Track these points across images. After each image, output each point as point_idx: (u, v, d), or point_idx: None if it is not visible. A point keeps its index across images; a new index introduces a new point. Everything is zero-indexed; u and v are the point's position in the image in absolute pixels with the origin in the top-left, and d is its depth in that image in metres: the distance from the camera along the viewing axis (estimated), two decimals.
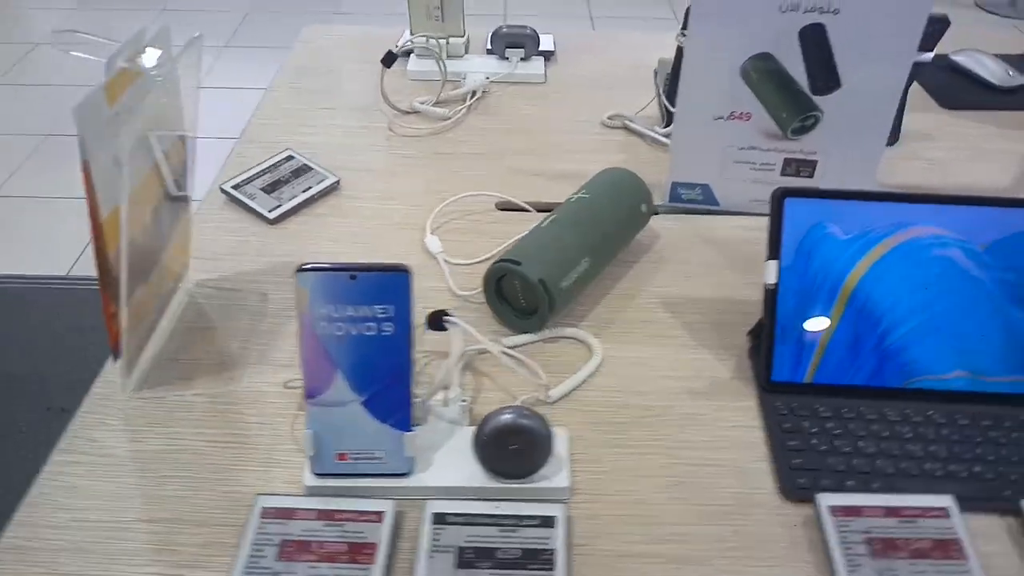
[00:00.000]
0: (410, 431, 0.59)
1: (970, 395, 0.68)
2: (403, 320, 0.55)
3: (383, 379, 0.57)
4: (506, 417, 0.58)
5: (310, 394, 0.58)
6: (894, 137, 1.04)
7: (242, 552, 0.56)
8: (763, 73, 0.82)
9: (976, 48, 1.23)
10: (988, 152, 1.03)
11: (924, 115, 1.11)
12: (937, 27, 0.93)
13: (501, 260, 0.72)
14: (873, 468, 0.63)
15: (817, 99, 0.83)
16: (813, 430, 0.66)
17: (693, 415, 0.68)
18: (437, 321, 0.67)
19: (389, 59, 1.04)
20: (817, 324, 0.69)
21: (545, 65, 1.20)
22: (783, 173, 0.88)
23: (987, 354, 0.68)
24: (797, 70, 0.82)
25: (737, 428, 0.67)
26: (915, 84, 1.17)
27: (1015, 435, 0.65)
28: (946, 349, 0.68)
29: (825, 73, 0.81)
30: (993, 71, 1.19)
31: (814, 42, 0.80)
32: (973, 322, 0.68)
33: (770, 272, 0.69)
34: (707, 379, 0.71)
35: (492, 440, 0.58)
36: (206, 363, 0.72)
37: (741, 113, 0.85)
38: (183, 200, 0.74)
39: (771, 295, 0.69)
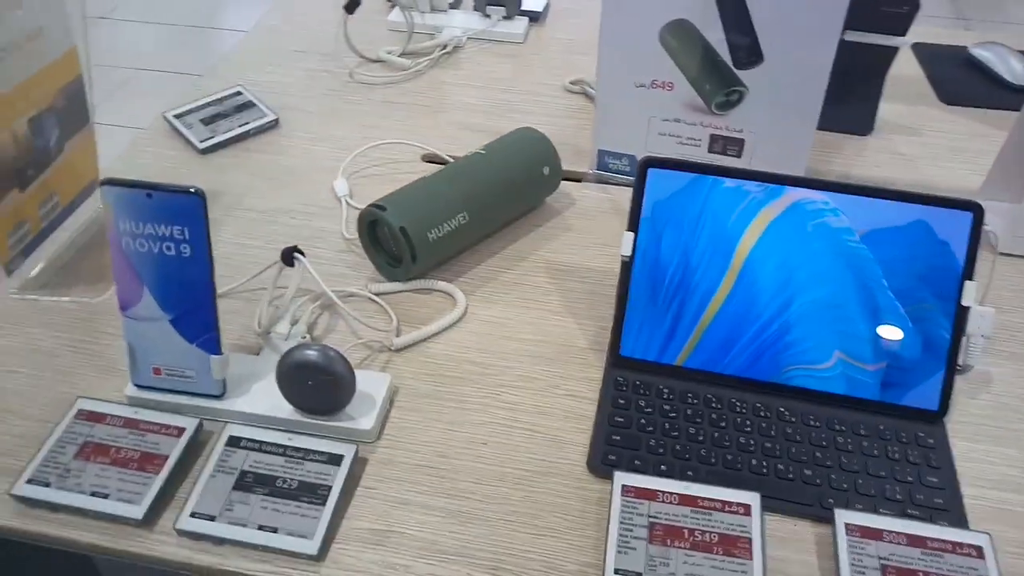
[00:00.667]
0: (219, 354, 0.60)
1: (836, 398, 0.64)
2: (199, 243, 0.56)
3: (188, 300, 0.58)
4: (303, 353, 0.58)
5: (123, 307, 0.59)
6: (868, 127, 0.97)
7: (45, 446, 0.59)
8: (682, 41, 0.78)
9: (1005, 44, 1.13)
10: (966, 151, 0.94)
11: (915, 108, 1.03)
12: (906, 9, 0.86)
13: (371, 204, 0.72)
14: (696, 456, 0.60)
15: (742, 74, 0.78)
16: (647, 410, 0.63)
17: (531, 379, 0.66)
18: (288, 257, 0.68)
19: (352, 5, 1.04)
20: (694, 304, 0.66)
21: (529, 26, 1.18)
22: (710, 150, 0.84)
23: (861, 341, 0.64)
24: (719, 40, 0.77)
25: (572, 398, 0.65)
26: (920, 74, 1.09)
27: (860, 443, 0.61)
28: (826, 335, 0.64)
29: (747, 45, 0.76)
30: (1012, 68, 1.09)
31: (734, 11, 0.75)
32: (852, 307, 0.64)
33: (626, 244, 0.66)
34: (560, 346, 0.69)
35: (288, 374, 0.59)
36: (88, 274, 0.75)
37: (663, 82, 0.81)
38: (80, 117, 0.77)
39: (625, 268, 0.66)
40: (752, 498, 0.56)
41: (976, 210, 0.63)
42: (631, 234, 0.66)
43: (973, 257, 0.62)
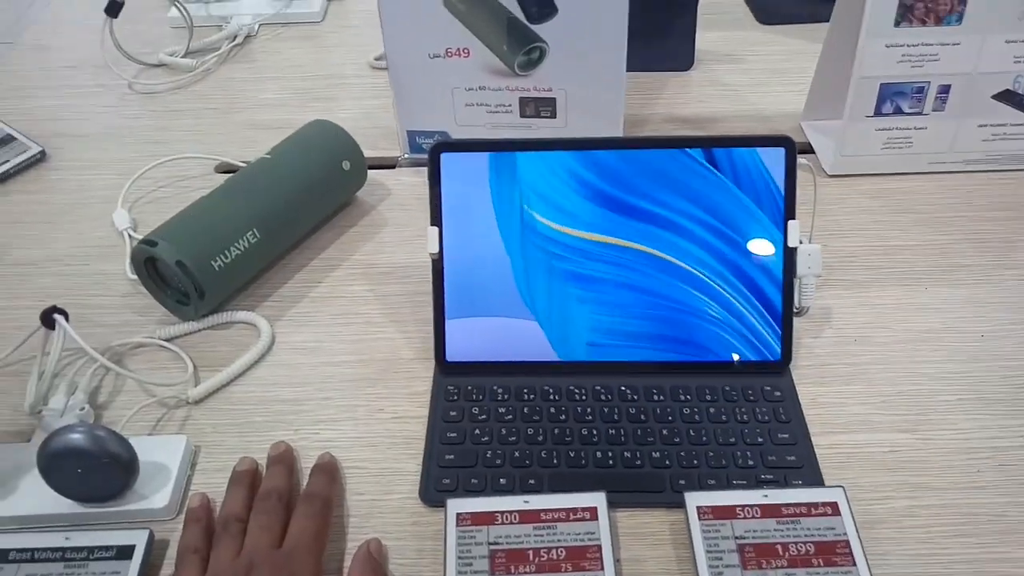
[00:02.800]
0: None
1: (678, 365, 0.59)
2: None
3: None
4: (64, 438, 0.49)
5: None
6: (688, 61, 0.93)
7: None
8: (469, 3, 0.71)
9: None
10: (787, 72, 0.91)
11: (734, 33, 0.99)
12: None
13: (141, 240, 0.63)
14: (537, 460, 0.55)
15: (538, 29, 0.72)
16: (481, 417, 0.58)
17: (352, 407, 0.59)
18: (48, 318, 0.58)
19: (114, 8, 0.92)
20: (503, 292, 0.60)
21: (327, 3, 1.08)
22: (523, 115, 0.78)
23: (691, 302, 0.60)
24: None
25: (400, 420, 0.59)
26: None
27: (707, 410, 0.57)
28: (654, 300, 0.60)
29: None
30: None
31: None
32: (674, 268, 0.60)
33: (432, 240, 0.59)
34: (383, 363, 0.62)
35: (50, 465, 0.50)
36: None
37: (458, 49, 0.74)
38: None
39: (436, 266, 0.60)
40: (598, 499, 0.51)
41: (788, 144, 0.59)
42: (435, 229, 0.60)
43: (792, 195, 0.59)
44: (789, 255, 0.59)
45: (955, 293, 0.66)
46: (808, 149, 0.81)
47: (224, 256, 0.63)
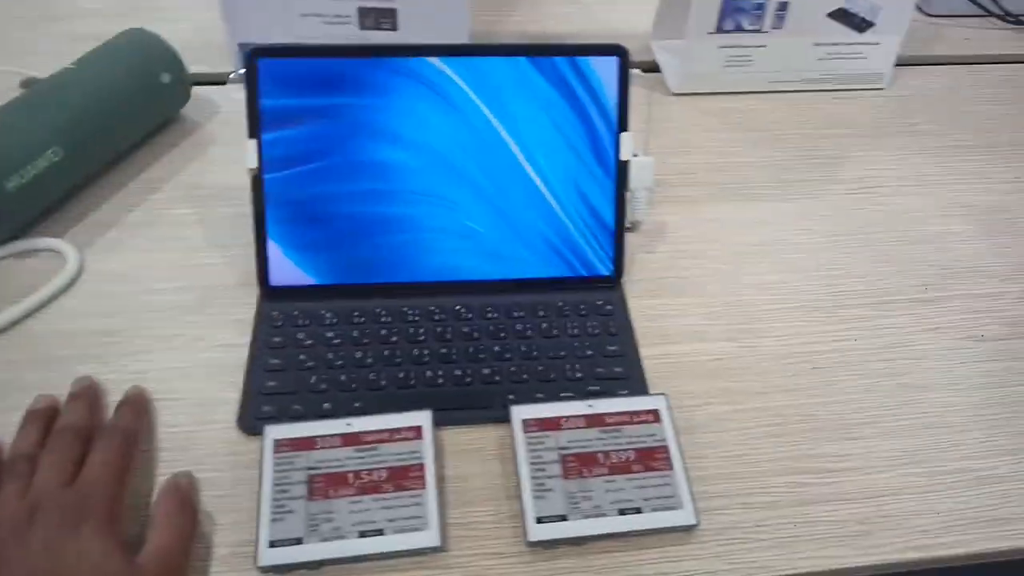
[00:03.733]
0: None
1: (512, 283, 0.58)
2: None
3: None
4: None
5: None
6: None
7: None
8: None
9: None
10: None
11: None
12: None
13: None
14: (364, 384, 0.53)
15: None
16: (307, 343, 0.55)
17: (170, 337, 0.56)
18: None
19: None
20: (334, 210, 0.57)
21: None
22: (363, 26, 0.73)
23: (523, 217, 0.59)
24: None
25: (222, 348, 0.55)
26: None
27: (539, 326, 0.56)
28: (485, 218, 0.58)
29: None
30: None
31: None
32: (505, 183, 0.58)
33: (250, 154, 0.56)
34: (205, 289, 0.59)
35: None
36: None
37: None
38: None
39: (256, 183, 0.56)
40: (423, 418, 0.50)
41: (621, 54, 0.58)
42: (253, 141, 0.56)
43: (625, 107, 0.58)
44: (621, 168, 0.59)
45: (786, 207, 0.68)
46: (656, 68, 0.81)
47: (20, 176, 0.57)
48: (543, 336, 0.57)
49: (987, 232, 0.67)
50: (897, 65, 0.83)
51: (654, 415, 0.52)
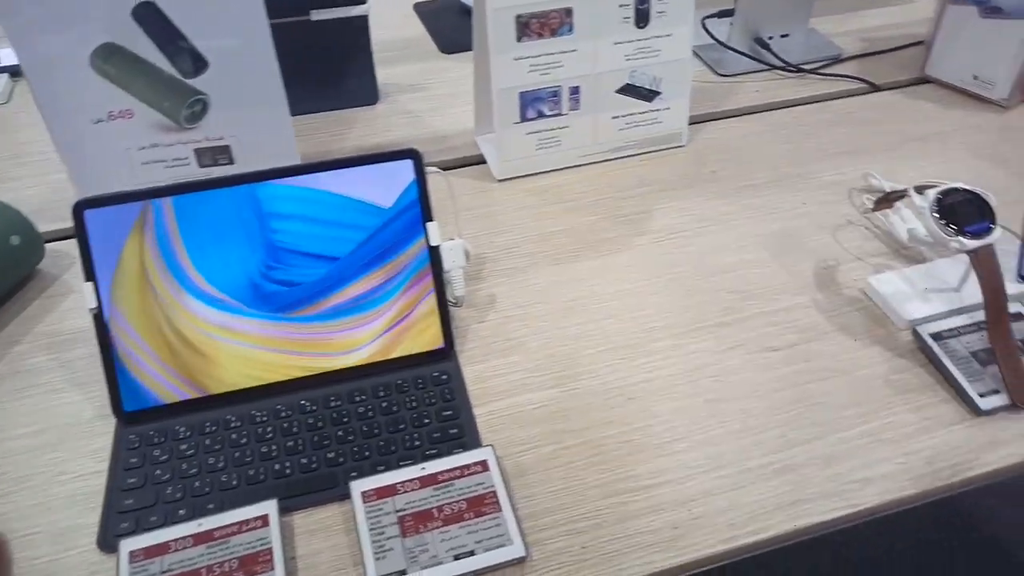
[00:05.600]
0: None
1: (351, 371, 0.64)
2: None
3: None
4: None
5: None
6: (372, 96, 1.00)
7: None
8: (119, 67, 0.73)
9: None
10: (465, 94, 1.01)
11: (419, 64, 1.08)
12: None
13: None
14: (217, 486, 0.57)
15: (196, 81, 0.76)
16: (163, 459, 0.59)
17: (28, 477, 0.59)
18: None
19: None
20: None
21: (12, 83, 1.06)
22: (201, 164, 0.81)
23: (354, 307, 0.65)
24: (158, 55, 0.74)
25: (81, 478, 0.59)
26: (423, 32, 1.15)
27: (379, 405, 0.62)
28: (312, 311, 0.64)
29: (187, 54, 0.74)
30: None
31: (158, 25, 0.72)
32: (330, 281, 0.65)
33: (88, 296, 0.61)
34: (66, 427, 0.63)
35: None
36: None
37: (120, 111, 0.76)
38: None
39: (98, 320, 0.61)
40: (269, 507, 0.55)
41: (414, 156, 0.66)
42: (90, 284, 0.61)
43: (426, 200, 0.66)
44: (434, 253, 0.66)
45: (598, 263, 0.76)
46: (482, 160, 0.90)
47: None
48: (383, 414, 0.62)
49: (778, 255, 0.76)
50: (696, 122, 0.94)
51: (482, 465, 0.57)
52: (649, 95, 0.86)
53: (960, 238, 0.60)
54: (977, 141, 0.91)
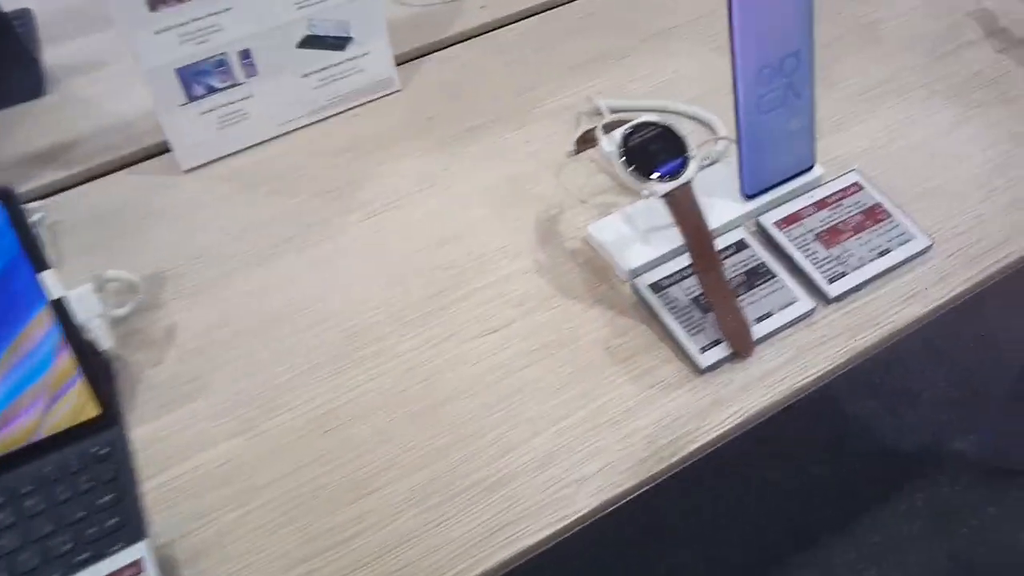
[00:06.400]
0: None
1: None
2: None
3: None
4: None
5: None
6: (39, 88, 0.83)
7: None
8: None
9: None
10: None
11: (94, 38, 0.90)
12: None
13: None
14: None
15: None
16: None
17: None
18: None
19: None
20: None
21: None
22: None
23: None
24: None
25: None
26: None
27: (21, 507, 0.51)
28: None
29: None
30: None
31: None
32: None
33: None
34: None
35: None
36: None
37: None
38: None
39: None
40: None
41: (7, 197, 0.53)
42: None
43: (33, 246, 0.53)
44: (59, 308, 0.54)
45: (302, 259, 0.65)
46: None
47: None
48: (28, 518, 0.51)
49: (500, 211, 0.68)
50: (415, 58, 0.83)
51: (135, 568, 0.48)
52: (339, 43, 0.74)
53: (650, 184, 0.53)
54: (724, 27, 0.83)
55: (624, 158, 0.54)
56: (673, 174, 0.53)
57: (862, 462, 1.35)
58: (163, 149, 0.76)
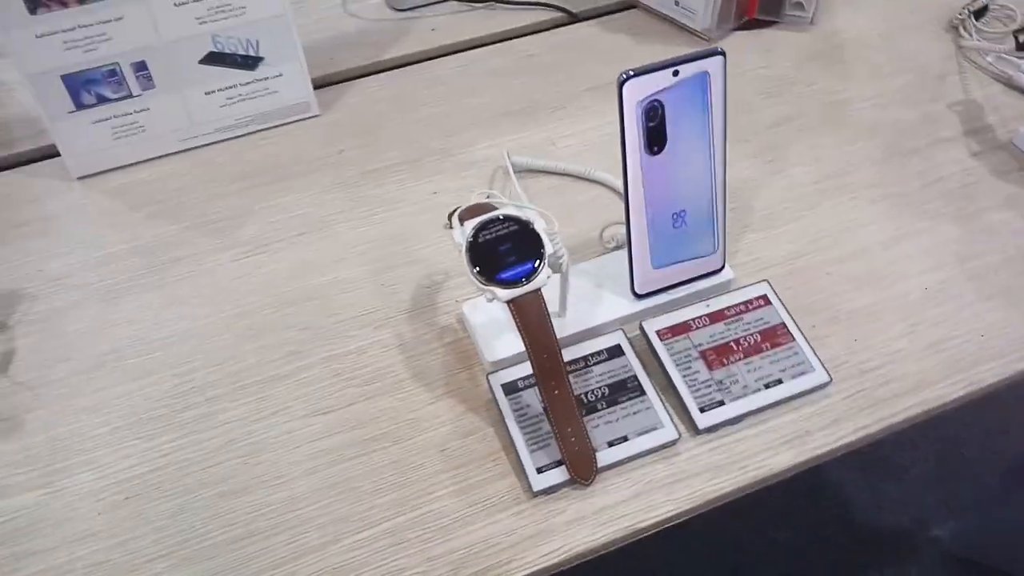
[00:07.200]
0: None
1: None
2: None
3: None
4: None
5: None
6: None
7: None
8: None
9: None
10: None
11: None
12: None
13: None
14: None
15: None
16: None
17: None
18: None
19: None
20: None
21: None
22: None
23: None
24: None
25: None
26: None
27: None
28: None
29: None
30: None
31: None
32: None
33: None
34: None
35: None
36: None
37: None
38: None
39: None
40: None
41: None
42: None
43: None
44: None
45: (158, 297, 0.61)
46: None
47: None
48: None
49: (378, 271, 0.62)
50: (348, 79, 0.78)
51: None
52: (247, 62, 0.69)
53: (493, 288, 0.48)
54: None
55: (469, 254, 0.48)
56: (517, 281, 0.48)
57: (832, 532, 1.28)
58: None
